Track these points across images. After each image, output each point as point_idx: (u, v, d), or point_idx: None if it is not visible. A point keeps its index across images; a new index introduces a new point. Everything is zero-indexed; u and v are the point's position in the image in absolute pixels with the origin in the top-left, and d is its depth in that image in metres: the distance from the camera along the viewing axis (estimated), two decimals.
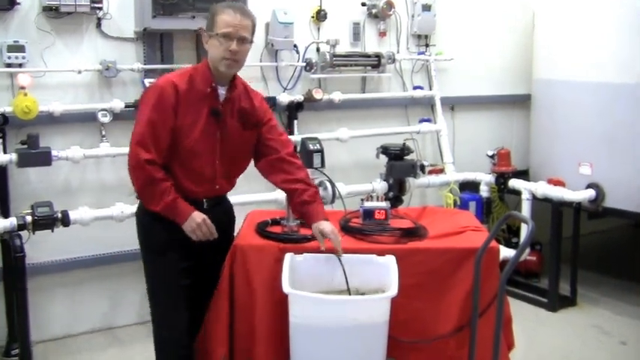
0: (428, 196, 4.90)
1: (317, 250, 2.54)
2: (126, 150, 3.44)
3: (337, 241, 2.47)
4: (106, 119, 3.65)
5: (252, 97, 2.49)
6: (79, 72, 3.64)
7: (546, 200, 4.22)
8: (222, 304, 2.56)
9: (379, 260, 2.58)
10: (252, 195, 3.79)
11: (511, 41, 5.12)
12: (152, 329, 2.54)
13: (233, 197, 2.92)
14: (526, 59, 4.86)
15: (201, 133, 2.37)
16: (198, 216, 2.38)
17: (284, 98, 4.23)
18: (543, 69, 4.57)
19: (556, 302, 4.21)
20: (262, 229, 2.74)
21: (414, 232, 2.79)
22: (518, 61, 5.09)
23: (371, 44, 4.59)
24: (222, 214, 2.54)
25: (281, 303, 2.45)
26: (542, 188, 4.23)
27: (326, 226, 2.46)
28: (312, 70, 4.29)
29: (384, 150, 4.22)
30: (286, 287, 2.34)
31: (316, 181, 3.79)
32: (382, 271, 2.55)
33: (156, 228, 2.43)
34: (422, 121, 4.77)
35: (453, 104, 4.99)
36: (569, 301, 4.26)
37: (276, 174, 2.52)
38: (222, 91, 2.40)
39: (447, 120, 4.87)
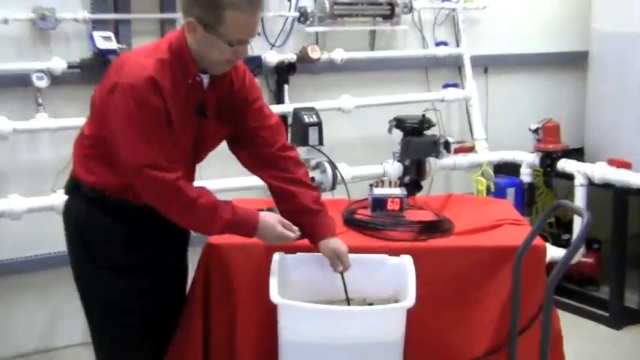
0: (454, 181, 4.95)
1: (313, 250, 2.56)
2: (71, 123, 3.52)
3: (349, 263, 2.52)
4: (43, 83, 3.64)
5: (231, 72, 2.44)
6: (6, 21, 3.61)
7: (607, 186, 4.23)
8: (194, 320, 2.57)
9: (392, 262, 2.59)
10: (230, 180, 3.80)
11: None
12: None
13: (206, 182, 2.93)
14: (582, 4, 4.84)
15: (185, 137, 2.38)
16: (272, 221, 2.42)
17: (272, 58, 4.23)
18: (606, 17, 4.53)
19: (620, 317, 4.22)
20: None
21: (436, 227, 2.80)
22: (571, 8, 5.10)
23: None
24: None
25: (268, 316, 2.46)
26: (602, 171, 4.24)
27: (340, 245, 2.50)
28: (308, 22, 4.30)
29: (399, 123, 4.24)
30: (275, 296, 2.34)
31: (313, 162, 3.87)
32: (396, 276, 2.55)
33: (104, 233, 2.43)
34: (446, 86, 4.79)
35: (486, 65, 5.00)
36: (637, 316, 4.27)
37: (263, 169, 2.55)
38: (204, 79, 2.39)
39: (479, 85, 4.88)
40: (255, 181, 2.69)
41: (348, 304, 2.51)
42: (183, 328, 2.58)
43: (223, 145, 2.62)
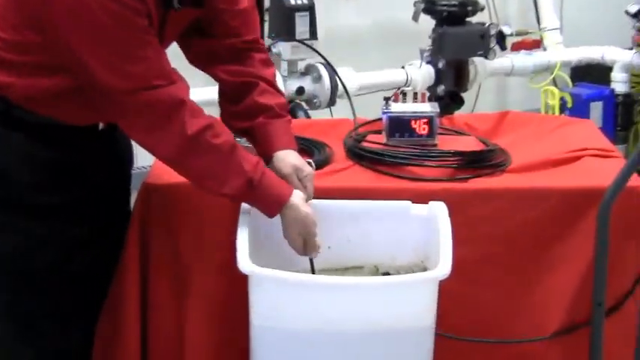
0: (511, 91, 5.06)
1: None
2: None
3: (312, 191, 2.56)
4: None
5: None
6: None
7: None
8: (128, 294, 2.62)
9: (417, 211, 2.60)
10: None
11: None
12: None
13: None
14: None
15: None
16: (305, 219, 2.49)
17: None
18: None
19: None
20: None
21: (483, 159, 2.82)
22: None
23: None
24: (120, 136, 2.63)
25: (235, 291, 2.49)
26: None
27: (304, 164, 2.57)
28: None
29: (430, 6, 4.26)
30: (244, 262, 2.32)
31: (301, 65, 3.85)
32: (422, 232, 2.58)
33: (13, 156, 2.47)
34: None
35: None
36: None
37: (217, 63, 2.65)
38: None
39: None
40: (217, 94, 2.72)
41: (313, 272, 2.53)
42: (113, 302, 2.63)
43: (171, 49, 2.62)
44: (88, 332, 2.61)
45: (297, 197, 2.48)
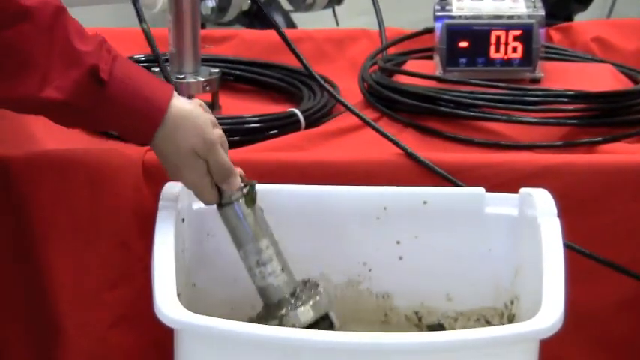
0: None
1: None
2: None
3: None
4: None
5: None
6: None
7: None
8: None
9: (497, 209, 2.46)
10: None
11: None
12: None
13: None
14: None
15: None
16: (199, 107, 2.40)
17: None
18: None
19: None
20: None
21: (630, 107, 2.71)
22: None
23: None
24: None
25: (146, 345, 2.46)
26: None
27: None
28: None
29: None
30: (169, 304, 2.05)
31: None
32: (508, 249, 2.47)
33: None
34: None
35: None
36: None
37: None
38: None
39: None
40: None
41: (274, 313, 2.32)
42: None
43: None
44: None
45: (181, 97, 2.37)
